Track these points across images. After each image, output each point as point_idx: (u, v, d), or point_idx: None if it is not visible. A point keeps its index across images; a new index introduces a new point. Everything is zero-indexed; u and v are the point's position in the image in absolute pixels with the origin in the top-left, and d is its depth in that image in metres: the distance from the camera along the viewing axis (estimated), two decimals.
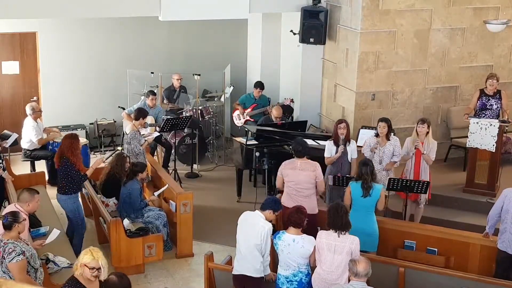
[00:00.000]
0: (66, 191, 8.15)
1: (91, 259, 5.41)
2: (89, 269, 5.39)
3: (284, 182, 8.15)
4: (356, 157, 9.01)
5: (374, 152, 8.71)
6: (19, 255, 6.03)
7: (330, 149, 8.91)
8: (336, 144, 8.88)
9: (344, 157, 8.90)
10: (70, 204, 8.19)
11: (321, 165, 8.37)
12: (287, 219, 6.56)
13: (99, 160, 8.48)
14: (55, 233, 7.21)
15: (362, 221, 7.56)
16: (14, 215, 6.25)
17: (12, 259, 6.00)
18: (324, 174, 8.62)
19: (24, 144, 10.70)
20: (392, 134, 9.02)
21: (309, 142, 9.87)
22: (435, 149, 8.75)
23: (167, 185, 9.03)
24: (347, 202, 7.73)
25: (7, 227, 6.16)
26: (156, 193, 9.07)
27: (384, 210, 8.72)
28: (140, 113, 10.01)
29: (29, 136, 10.59)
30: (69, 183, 8.11)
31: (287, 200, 7.93)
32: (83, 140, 10.41)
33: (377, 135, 8.82)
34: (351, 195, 7.73)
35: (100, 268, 5.43)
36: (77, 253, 8.02)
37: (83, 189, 9.26)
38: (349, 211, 7.64)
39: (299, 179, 7.96)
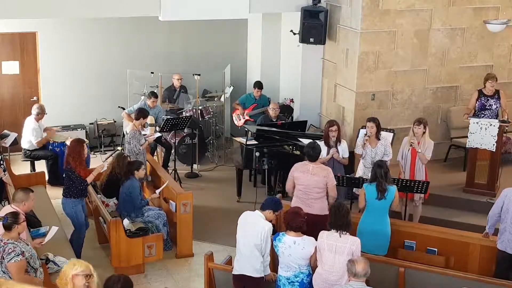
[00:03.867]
0: (66, 194, 8.18)
1: (84, 267, 5.26)
2: (84, 277, 5.22)
3: (294, 185, 7.96)
4: (348, 156, 9.04)
5: (364, 149, 8.73)
6: (18, 255, 6.03)
7: None
8: (327, 144, 8.90)
9: (335, 158, 8.92)
10: (68, 208, 8.20)
11: None
12: (287, 225, 6.52)
13: (99, 167, 8.48)
14: (53, 229, 7.19)
15: (376, 223, 7.55)
16: (14, 216, 6.26)
17: (11, 259, 6.01)
18: None
19: (24, 144, 10.72)
20: (392, 134, 9.05)
21: (308, 142, 9.88)
22: (431, 148, 8.76)
23: (167, 182, 9.04)
24: (361, 204, 7.70)
25: (7, 227, 6.17)
26: (157, 191, 9.06)
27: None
28: (141, 113, 10.01)
29: (29, 137, 10.60)
30: (71, 187, 8.14)
31: (297, 203, 7.73)
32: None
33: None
34: (365, 197, 7.67)
35: (92, 274, 5.28)
36: (76, 256, 8.04)
37: None
38: (362, 213, 7.70)
39: (309, 183, 7.79)
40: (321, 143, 8.92)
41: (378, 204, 7.60)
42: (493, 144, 9.21)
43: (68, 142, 9.96)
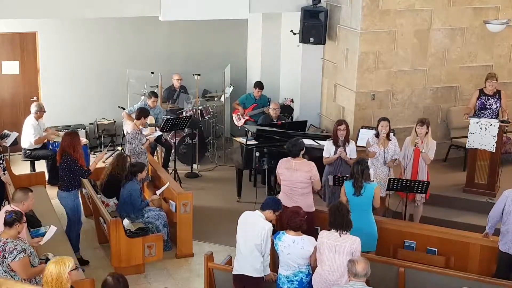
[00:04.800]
0: (67, 188, 8.19)
1: (72, 261, 5.43)
2: (76, 269, 5.44)
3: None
4: (356, 157, 9.02)
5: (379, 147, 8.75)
6: (20, 252, 6.06)
7: (329, 149, 8.93)
8: (336, 144, 8.90)
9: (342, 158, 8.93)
10: (70, 201, 8.22)
11: (320, 165, 8.36)
12: (286, 223, 6.55)
13: (101, 155, 8.66)
14: (52, 230, 7.17)
15: (358, 220, 7.52)
16: (18, 214, 6.30)
17: (14, 258, 6.03)
18: (322, 174, 8.61)
19: (25, 143, 10.70)
20: (392, 134, 9.04)
21: (309, 142, 9.90)
22: (434, 148, 8.77)
23: (168, 184, 9.04)
24: (342, 199, 7.74)
25: (9, 223, 6.18)
26: (158, 192, 9.07)
27: (384, 209, 8.75)
28: (142, 113, 10.02)
29: (28, 135, 10.60)
30: (70, 179, 8.15)
31: (284, 199, 7.94)
32: (83, 140, 10.40)
33: (376, 135, 8.83)
34: (346, 194, 7.74)
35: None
36: (74, 250, 8.06)
37: (83, 189, 9.27)
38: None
39: (293, 179, 7.98)
40: (329, 142, 8.94)
41: (357, 201, 7.63)
42: (493, 145, 9.21)
43: None
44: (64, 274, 5.33)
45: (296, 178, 7.96)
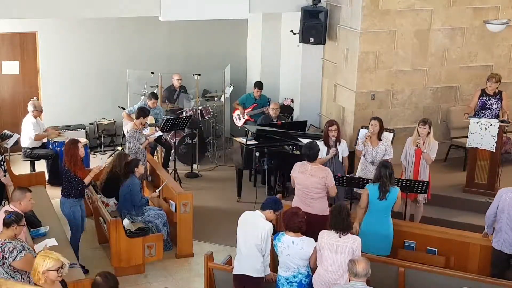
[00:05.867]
0: (64, 194, 8.16)
1: (53, 262, 5.40)
2: (55, 271, 5.39)
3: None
4: (347, 155, 9.05)
5: (365, 148, 8.74)
6: (20, 252, 6.06)
7: (321, 150, 8.92)
8: (327, 145, 8.91)
9: (335, 158, 8.93)
10: (66, 208, 8.16)
11: None
12: (286, 225, 6.52)
13: (96, 168, 8.33)
14: (52, 242, 7.14)
15: (378, 223, 7.55)
16: (18, 216, 6.29)
17: (15, 258, 6.03)
18: None
19: (24, 142, 10.71)
20: (392, 134, 9.04)
21: (306, 142, 9.89)
22: (436, 149, 8.77)
23: (165, 181, 9.04)
24: (363, 204, 7.69)
25: (7, 224, 6.19)
26: (157, 190, 9.06)
27: None
28: (141, 112, 10.01)
29: (28, 132, 10.60)
30: (68, 187, 8.11)
31: (297, 202, 7.82)
32: (83, 140, 10.40)
33: None
34: (368, 198, 7.64)
35: (63, 265, 5.46)
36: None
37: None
38: (363, 213, 7.70)
39: (307, 184, 7.82)
40: (320, 143, 8.94)
41: (380, 204, 7.59)
42: (493, 145, 9.22)
43: None
44: (39, 270, 5.38)
45: (310, 183, 7.79)
